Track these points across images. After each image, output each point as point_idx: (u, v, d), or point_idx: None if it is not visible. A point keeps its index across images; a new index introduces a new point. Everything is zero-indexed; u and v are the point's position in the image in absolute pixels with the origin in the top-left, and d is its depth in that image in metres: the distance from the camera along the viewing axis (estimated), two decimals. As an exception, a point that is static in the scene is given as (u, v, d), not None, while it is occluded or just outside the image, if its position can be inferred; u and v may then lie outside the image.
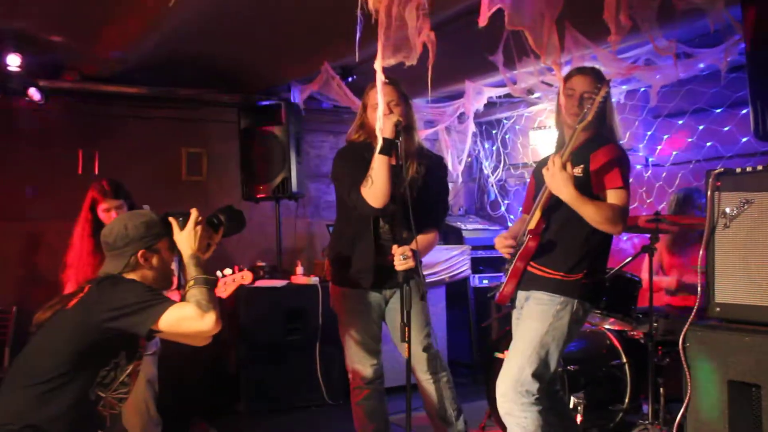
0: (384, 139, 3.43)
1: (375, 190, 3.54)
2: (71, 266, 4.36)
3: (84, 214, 4.34)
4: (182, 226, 2.93)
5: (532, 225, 3.25)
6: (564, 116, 3.35)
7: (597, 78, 3.30)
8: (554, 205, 3.21)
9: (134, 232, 2.81)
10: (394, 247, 3.55)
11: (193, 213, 2.99)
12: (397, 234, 3.68)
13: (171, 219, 2.97)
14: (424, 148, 3.91)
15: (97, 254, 4.27)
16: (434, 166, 3.83)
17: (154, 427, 4.28)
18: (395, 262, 3.51)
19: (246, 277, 4.23)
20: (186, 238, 2.90)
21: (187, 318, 2.56)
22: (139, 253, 2.78)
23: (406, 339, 3.50)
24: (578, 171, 3.19)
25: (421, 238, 3.69)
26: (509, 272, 3.33)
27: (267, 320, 5.49)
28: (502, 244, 3.40)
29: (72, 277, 4.38)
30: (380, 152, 3.47)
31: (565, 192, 3.07)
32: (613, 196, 3.16)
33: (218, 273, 4.24)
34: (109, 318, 2.54)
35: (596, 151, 3.22)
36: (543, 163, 3.59)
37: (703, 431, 2.72)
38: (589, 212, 3.08)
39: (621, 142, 3.41)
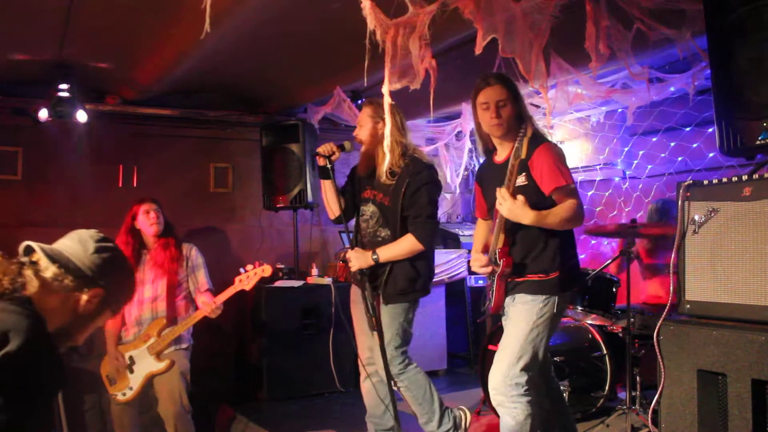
0: (317, 166, 3.75)
1: (325, 204, 3.88)
2: None
3: (126, 224, 4.39)
4: None
5: (499, 245, 3.18)
6: (487, 128, 3.24)
7: (505, 84, 3.16)
8: (513, 223, 3.13)
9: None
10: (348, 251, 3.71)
11: None
12: (370, 237, 3.79)
13: None
14: (413, 161, 3.69)
15: (130, 258, 4.31)
16: (407, 174, 3.65)
17: (185, 414, 4.28)
18: None
19: (266, 270, 4.28)
20: None
21: None
22: None
23: (375, 328, 3.54)
24: (522, 179, 3.12)
25: (390, 245, 3.68)
26: (495, 291, 3.28)
27: (285, 316, 5.49)
28: (479, 268, 3.31)
29: None
30: (319, 176, 3.80)
31: (526, 218, 3.00)
32: (563, 195, 3.09)
33: (241, 269, 4.28)
34: None
35: (531, 156, 3.10)
36: (483, 169, 3.54)
37: (675, 415, 2.71)
38: (552, 222, 3.04)
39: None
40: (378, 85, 2.91)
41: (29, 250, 1.85)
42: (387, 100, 2.83)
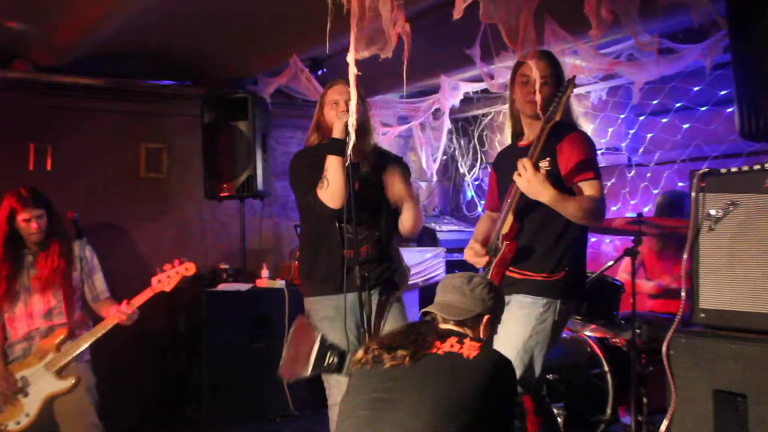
0: (333, 139, 3.50)
1: (331, 190, 3.52)
2: None
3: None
4: None
5: (505, 229, 3.23)
6: (520, 105, 3.39)
7: (550, 61, 3.34)
8: (526, 206, 3.21)
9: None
10: None
11: None
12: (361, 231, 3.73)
13: None
14: (380, 148, 3.94)
15: (5, 264, 4.24)
16: (390, 160, 3.85)
17: None
18: None
19: (189, 268, 4.25)
20: None
21: None
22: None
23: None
24: (545, 164, 3.21)
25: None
26: None
27: (230, 325, 5.45)
28: (473, 257, 3.39)
29: None
30: (331, 152, 3.51)
31: (546, 195, 3.07)
32: (587, 188, 3.19)
33: (157, 269, 4.26)
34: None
35: (561, 141, 3.24)
36: (503, 154, 3.62)
37: (686, 442, 2.74)
38: (571, 209, 3.10)
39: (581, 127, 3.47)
40: (342, 54, 2.88)
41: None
42: (352, 71, 2.81)
